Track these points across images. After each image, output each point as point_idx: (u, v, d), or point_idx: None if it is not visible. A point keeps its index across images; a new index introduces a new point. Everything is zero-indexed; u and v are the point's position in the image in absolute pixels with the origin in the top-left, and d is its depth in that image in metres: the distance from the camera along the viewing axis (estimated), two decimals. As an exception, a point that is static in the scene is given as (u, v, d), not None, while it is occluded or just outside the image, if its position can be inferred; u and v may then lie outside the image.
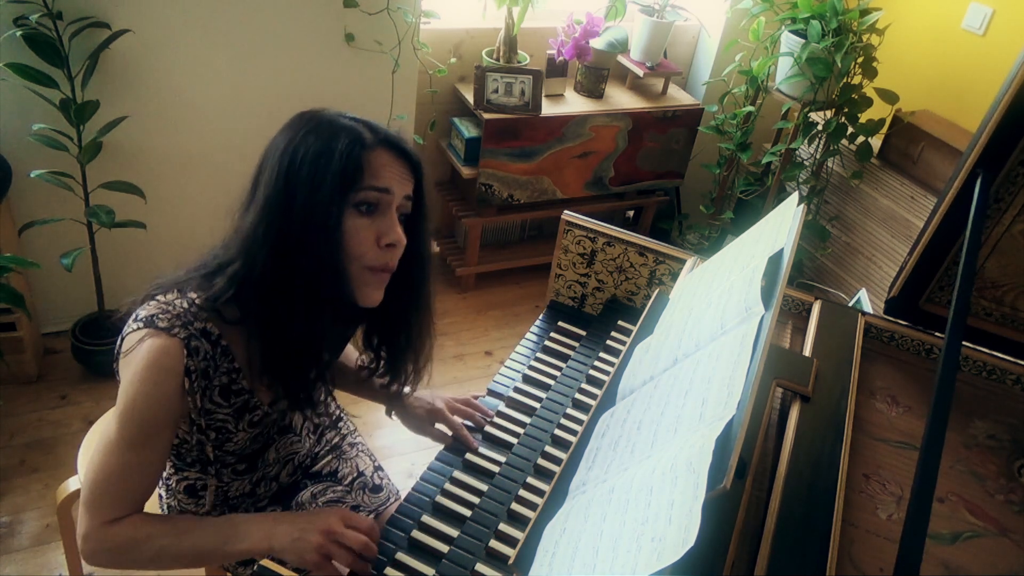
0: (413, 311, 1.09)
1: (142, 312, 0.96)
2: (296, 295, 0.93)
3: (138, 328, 0.94)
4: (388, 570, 0.99)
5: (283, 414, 1.15)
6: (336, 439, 1.36)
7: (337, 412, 1.40)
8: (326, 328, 0.98)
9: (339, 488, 1.30)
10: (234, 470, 1.16)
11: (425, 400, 1.26)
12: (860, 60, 2.35)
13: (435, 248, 2.97)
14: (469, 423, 1.24)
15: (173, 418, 0.97)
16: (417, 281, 1.07)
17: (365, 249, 0.95)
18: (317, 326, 0.96)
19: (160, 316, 0.94)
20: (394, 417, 1.29)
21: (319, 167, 0.91)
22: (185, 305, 0.95)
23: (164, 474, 1.20)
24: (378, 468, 1.37)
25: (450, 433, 1.22)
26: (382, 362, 1.16)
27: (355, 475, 1.33)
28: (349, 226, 0.93)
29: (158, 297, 0.97)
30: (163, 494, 1.25)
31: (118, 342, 0.98)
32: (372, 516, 1.26)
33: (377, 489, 1.33)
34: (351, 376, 1.29)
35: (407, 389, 1.24)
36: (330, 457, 1.33)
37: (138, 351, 0.93)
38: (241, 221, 0.96)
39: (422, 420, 1.25)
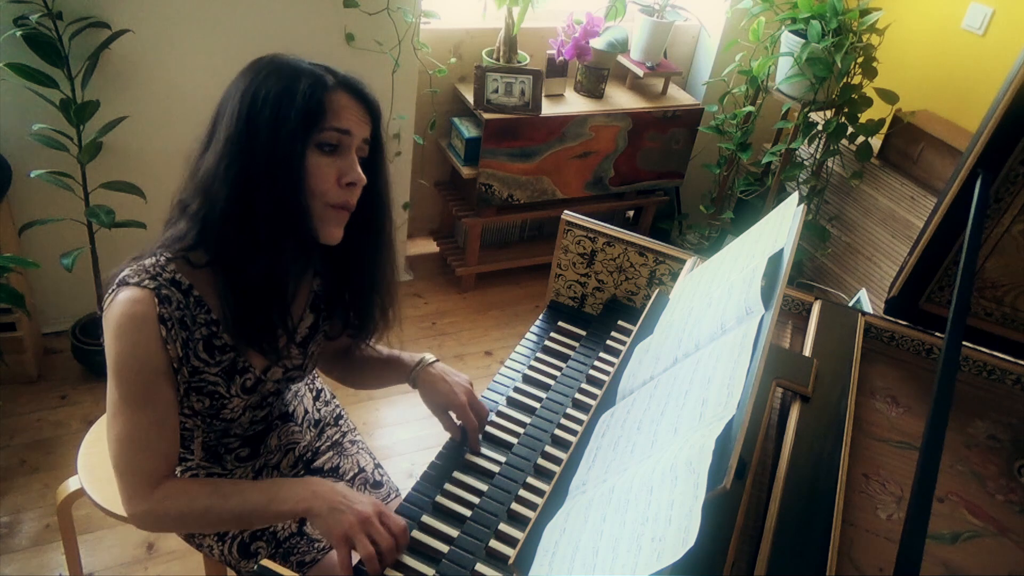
0: (375, 251, 1.10)
1: (115, 279, 0.98)
2: (259, 230, 0.95)
3: (110, 291, 0.97)
4: (388, 570, 0.99)
5: (280, 379, 1.15)
6: (337, 436, 1.38)
7: (338, 410, 1.42)
8: (288, 264, 1.00)
9: (341, 484, 1.30)
10: (237, 456, 1.17)
11: (450, 387, 1.21)
12: (860, 60, 2.35)
13: (435, 248, 2.97)
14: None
15: (161, 369, 0.98)
16: (377, 222, 1.08)
17: (327, 187, 0.97)
18: (279, 261, 0.98)
19: (130, 275, 0.97)
20: (414, 386, 1.25)
21: (282, 107, 0.93)
22: (152, 260, 0.98)
23: None
24: (378, 465, 1.39)
25: (459, 426, 1.20)
26: (350, 317, 1.17)
27: (356, 471, 1.35)
28: (311, 164, 0.95)
29: (132, 264, 0.99)
30: None
31: (100, 311, 1.01)
32: None
33: (377, 485, 1.35)
34: (377, 365, 1.28)
35: (377, 343, 1.22)
36: (331, 453, 1.35)
37: (112, 309, 0.95)
38: (200, 163, 0.98)
39: (440, 404, 1.21)
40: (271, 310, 1.02)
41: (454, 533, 1.05)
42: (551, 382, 1.34)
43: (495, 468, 1.16)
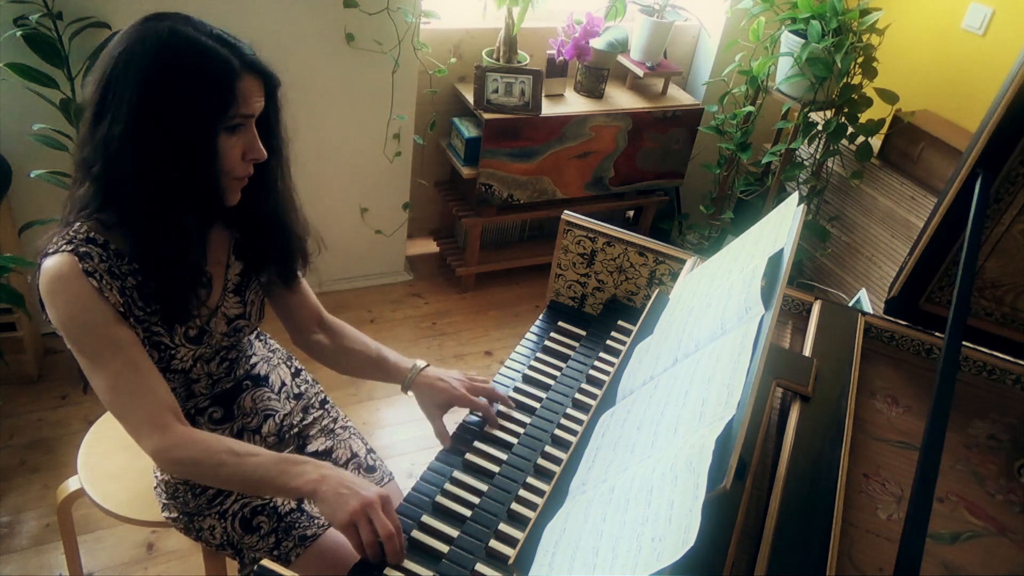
0: (277, 200, 1.15)
1: (38, 257, 1.02)
2: (163, 202, 0.99)
3: (36, 266, 1.01)
4: (388, 570, 0.99)
5: (227, 331, 1.18)
6: (327, 421, 1.40)
7: (322, 395, 1.44)
8: (191, 230, 1.05)
9: (348, 472, 1.31)
10: (211, 418, 1.20)
11: (447, 383, 1.25)
12: (860, 60, 2.35)
13: (435, 248, 2.97)
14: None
15: (108, 317, 1.01)
16: (275, 175, 1.13)
17: (233, 164, 1.02)
18: (184, 229, 1.03)
19: (49, 247, 1.01)
20: (408, 393, 1.29)
21: (192, 97, 0.95)
22: (65, 229, 1.02)
23: None
24: (371, 451, 1.41)
25: (447, 436, 1.22)
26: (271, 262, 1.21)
27: (349, 456, 1.37)
28: (219, 146, 1.00)
29: (47, 240, 1.03)
30: (157, 473, 1.27)
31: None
32: None
33: (371, 470, 1.37)
34: (362, 359, 1.31)
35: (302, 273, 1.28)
36: (323, 439, 1.37)
37: (41, 282, 0.99)
38: (98, 125, 0.98)
39: (441, 403, 1.25)
40: (180, 272, 1.05)
41: (454, 533, 1.05)
42: (551, 382, 1.34)
43: (495, 468, 1.16)
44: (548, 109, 2.56)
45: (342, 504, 0.98)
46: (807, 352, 1.26)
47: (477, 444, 1.20)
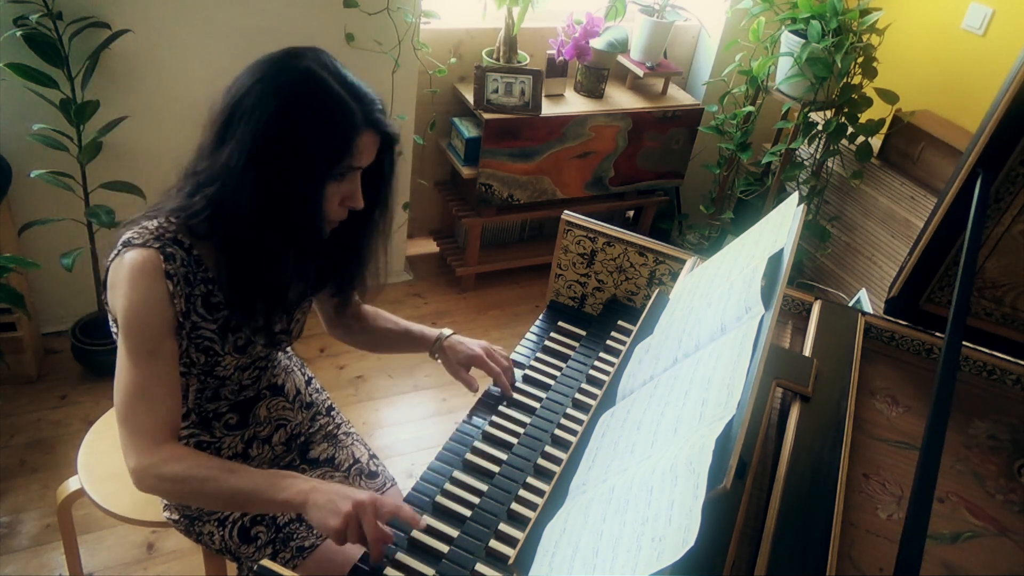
0: (367, 240, 1.19)
1: (119, 241, 1.04)
2: (268, 236, 1.02)
3: (116, 252, 1.03)
4: (388, 570, 0.99)
5: (263, 334, 1.19)
6: (331, 427, 1.40)
7: (328, 401, 1.44)
8: (288, 262, 1.08)
9: (336, 474, 1.34)
10: (226, 423, 1.20)
11: (466, 346, 1.35)
12: (860, 60, 2.35)
13: (435, 248, 2.97)
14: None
15: (167, 324, 1.03)
16: (373, 219, 1.16)
17: (331, 209, 1.05)
18: (280, 261, 1.06)
19: (135, 237, 1.02)
20: (436, 358, 1.37)
21: (312, 145, 0.98)
22: (157, 223, 1.04)
23: None
24: (373, 456, 1.41)
25: (475, 384, 1.32)
26: (341, 284, 1.25)
27: (351, 462, 1.36)
28: (325, 192, 1.03)
29: (132, 226, 1.05)
30: None
31: (103, 275, 1.06)
32: None
33: (373, 475, 1.37)
34: (392, 335, 1.38)
35: (371, 299, 1.32)
36: (326, 444, 1.37)
37: (119, 269, 1.01)
38: (216, 151, 1.01)
39: (459, 364, 1.34)
40: (267, 297, 1.09)
41: (454, 533, 1.05)
42: (551, 382, 1.34)
43: (495, 468, 1.16)
44: (548, 109, 2.56)
45: (330, 515, 0.97)
46: (807, 352, 1.26)
47: (477, 444, 1.20)
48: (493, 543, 1.04)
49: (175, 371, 1.05)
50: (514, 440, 1.21)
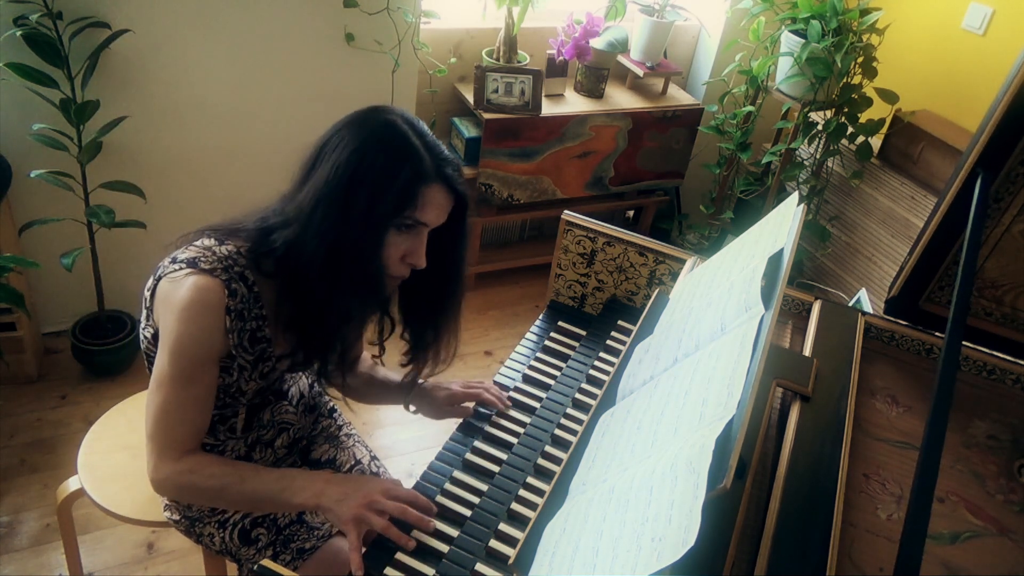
0: (440, 311, 1.21)
1: (182, 255, 1.04)
2: (338, 282, 1.03)
3: (180, 268, 1.02)
4: (388, 570, 0.99)
5: (289, 367, 1.20)
6: (332, 428, 1.40)
7: (331, 403, 1.44)
8: (350, 311, 1.07)
9: (350, 475, 1.34)
10: (230, 428, 1.20)
11: (442, 386, 1.32)
12: (860, 60, 2.35)
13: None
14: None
15: (216, 354, 1.05)
16: (446, 291, 1.18)
17: (391, 261, 1.06)
18: (341, 308, 1.06)
19: (202, 259, 1.03)
20: (412, 410, 1.34)
21: (379, 188, 0.99)
22: (227, 251, 1.04)
23: None
24: (374, 458, 1.41)
25: (470, 410, 1.28)
26: (415, 352, 1.25)
27: (353, 463, 1.37)
28: (387, 239, 1.03)
29: (196, 243, 1.06)
30: None
31: (150, 280, 1.07)
32: None
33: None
34: (367, 386, 1.36)
35: (424, 374, 1.29)
36: (328, 446, 1.37)
37: (180, 289, 1.01)
38: (298, 193, 1.04)
39: (441, 403, 1.30)
40: (330, 340, 1.10)
41: (454, 533, 1.05)
42: (551, 382, 1.34)
43: (495, 468, 1.16)
44: (548, 109, 2.56)
45: (345, 510, 1.02)
46: (807, 352, 1.26)
47: (477, 444, 1.20)
48: (493, 543, 1.04)
49: (212, 394, 1.08)
50: (514, 440, 1.21)
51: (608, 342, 1.44)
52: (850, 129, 2.44)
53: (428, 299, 1.18)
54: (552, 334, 1.47)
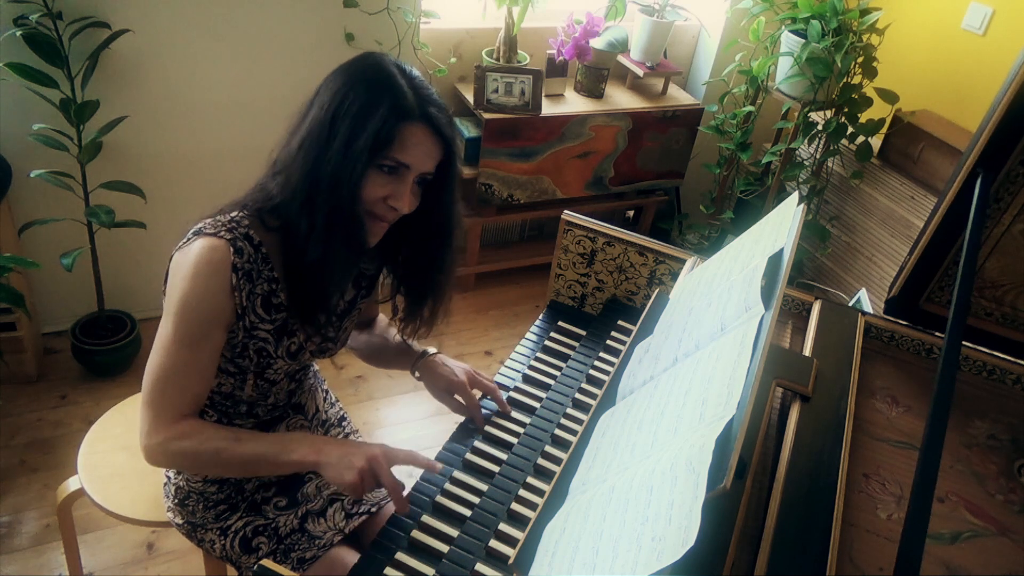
0: (433, 268, 1.18)
1: (190, 231, 1.05)
2: (315, 220, 1.01)
3: (186, 240, 1.04)
4: (388, 570, 0.99)
5: (315, 350, 1.20)
6: (340, 436, 1.40)
7: (341, 412, 1.44)
8: (337, 255, 1.05)
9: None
10: None
11: (450, 368, 1.30)
12: (860, 60, 2.35)
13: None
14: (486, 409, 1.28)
15: (223, 317, 1.03)
16: (435, 243, 1.16)
17: (374, 200, 1.03)
18: (329, 250, 1.03)
19: (207, 226, 1.04)
20: (416, 376, 1.33)
21: (357, 124, 0.98)
22: (229, 217, 1.05)
23: None
24: None
25: (464, 408, 1.27)
26: (403, 307, 1.24)
27: None
28: (368, 177, 1.01)
29: (206, 219, 1.06)
30: (171, 475, 1.26)
31: (168, 265, 1.06)
32: (374, 510, 1.28)
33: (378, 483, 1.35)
34: (378, 350, 1.37)
35: (420, 334, 1.28)
36: None
37: (188, 254, 1.02)
38: (289, 140, 1.05)
39: (442, 387, 1.29)
40: (317, 290, 1.08)
41: (454, 533, 1.05)
42: (551, 382, 1.34)
43: (495, 468, 1.16)
44: (548, 109, 2.56)
45: (346, 467, 1.01)
46: (807, 352, 1.26)
47: (477, 444, 1.20)
48: (493, 543, 1.04)
49: (215, 360, 1.06)
50: (514, 440, 1.21)
51: (608, 342, 1.44)
52: (850, 129, 2.44)
53: (419, 253, 1.16)
54: (552, 334, 1.47)
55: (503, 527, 1.06)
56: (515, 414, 1.27)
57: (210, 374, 1.06)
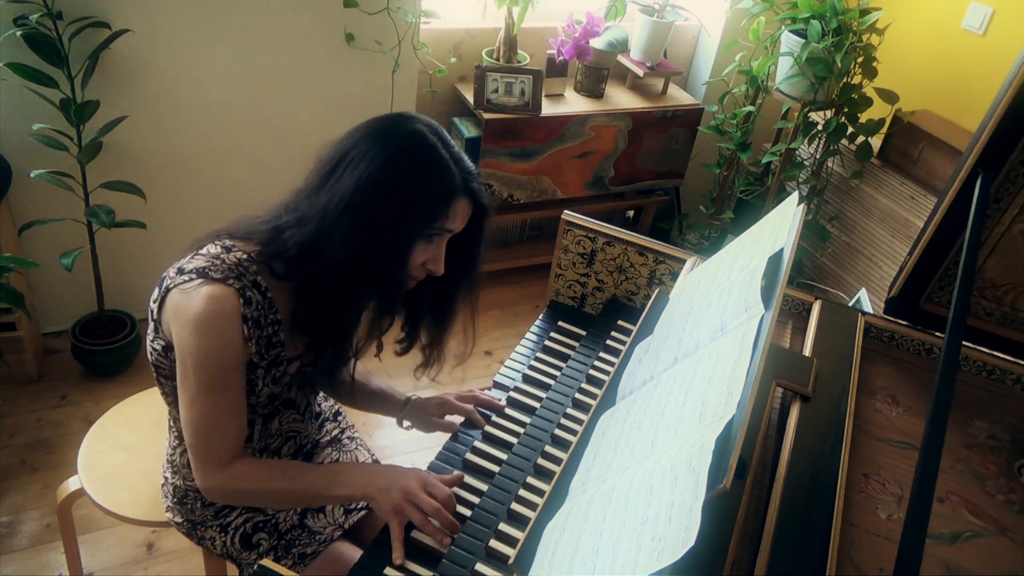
0: (444, 312, 1.21)
1: (189, 265, 1.02)
2: (351, 282, 1.03)
3: (190, 279, 1.01)
4: (388, 570, 0.99)
5: (298, 369, 1.20)
6: (336, 431, 1.40)
7: (336, 406, 1.44)
8: (362, 310, 1.10)
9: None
10: (247, 437, 1.18)
11: (432, 399, 1.32)
12: (860, 60, 2.35)
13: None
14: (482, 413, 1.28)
15: (240, 362, 1.05)
16: (466, 292, 1.20)
17: (414, 267, 1.07)
18: (360, 307, 1.09)
19: (212, 268, 1.01)
20: (405, 425, 1.35)
21: (411, 203, 1.01)
22: (236, 258, 1.04)
23: (169, 451, 1.25)
24: (376, 460, 1.41)
25: (460, 422, 1.27)
26: (411, 342, 1.25)
27: None
28: (414, 250, 1.05)
29: (202, 252, 1.04)
30: (168, 475, 1.26)
31: (156, 291, 1.05)
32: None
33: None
34: (358, 393, 1.35)
35: (425, 373, 1.30)
36: (330, 449, 1.37)
37: (194, 301, 0.99)
38: (315, 194, 1.03)
39: (432, 416, 1.31)
40: (336, 343, 1.10)
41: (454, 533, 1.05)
42: (551, 382, 1.34)
43: (495, 468, 1.16)
44: (548, 109, 2.56)
45: (387, 500, 1.05)
46: (807, 352, 1.26)
47: (477, 444, 1.20)
48: (493, 543, 1.04)
49: (243, 398, 1.08)
50: (514, 440, 1.21)
51: (608, 342, 1.44)
52: (850, 129, 2.44)
53: (435, 297, 1.18)
54: (552, 334, 1.47)
55: (503, 527, 1.06)
56: (515, 414, 1.27)
57: (243, 410, 1.08)
